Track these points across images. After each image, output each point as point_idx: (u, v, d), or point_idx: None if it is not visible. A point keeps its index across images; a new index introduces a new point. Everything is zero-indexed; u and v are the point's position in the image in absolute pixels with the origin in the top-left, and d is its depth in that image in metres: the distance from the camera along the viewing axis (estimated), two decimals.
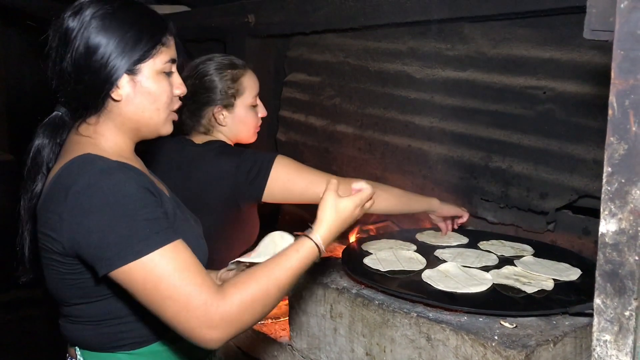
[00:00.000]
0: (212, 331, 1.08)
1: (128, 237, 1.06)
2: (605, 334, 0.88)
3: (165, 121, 1.27)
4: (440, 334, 1.38)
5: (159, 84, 1.22)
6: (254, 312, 1.12)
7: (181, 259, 1.09)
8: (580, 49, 1.89)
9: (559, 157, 1.96)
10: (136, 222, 1.07)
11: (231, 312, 1.09)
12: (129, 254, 1.06)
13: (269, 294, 1.14)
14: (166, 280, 1.07)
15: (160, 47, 1.22)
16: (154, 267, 1.07)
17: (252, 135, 2.00)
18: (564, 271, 1.64)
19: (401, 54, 2.38)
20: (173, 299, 1.07)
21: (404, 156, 2.41)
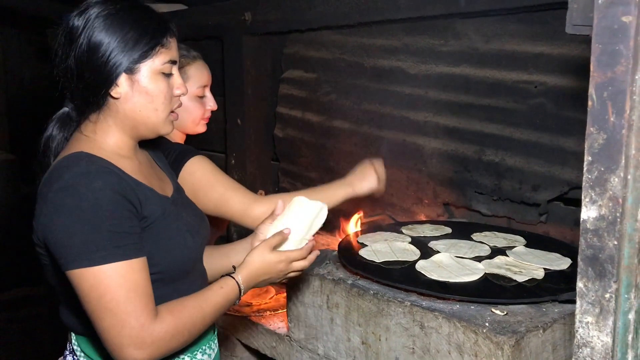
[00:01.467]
0: (139, 352, 1.13)
1: (87, 244, 1.11)
2: (587, 316, 0.92)
3: (164, 121, 1.29)
4: (434, 322, 1.42)
5: (156, 84, 1.25)
6: (180, 339, 1.20)
7: (133, 278, 1.13)
8: (570, 43, 1.93)
9: (551, 150, 2.00)
10: (99, 231, 1.11)
11: (163, 337, 1.16)
12: (84, 259, 1.11)
13: (195, 324, 1.22)
14: (111, 294, 1.11)
15: (160, 48, 1.25)
16: (104, 278, 1.11)
17: (197, 125, 1.95)
18: (555, 261, 1.68)
19: (396, 50, 2.41)
20: (112, 313, 1.12)
21: (399, 151, 2.44)
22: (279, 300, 2.15)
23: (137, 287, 1.14)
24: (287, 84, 2.94)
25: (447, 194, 2.31)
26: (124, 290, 1.12)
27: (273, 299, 2.17)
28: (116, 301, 1.11)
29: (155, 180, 1.36)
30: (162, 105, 1.27)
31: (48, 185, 1.16)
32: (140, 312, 1.13)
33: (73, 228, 1.11)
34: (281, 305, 2.08)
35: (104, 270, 1.11)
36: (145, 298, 1.14)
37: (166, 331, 1.16)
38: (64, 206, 1.12)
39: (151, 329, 1.14)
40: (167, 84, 1.27)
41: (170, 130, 1.32)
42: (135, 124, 1.27)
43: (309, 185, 2.88)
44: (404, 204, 2.44)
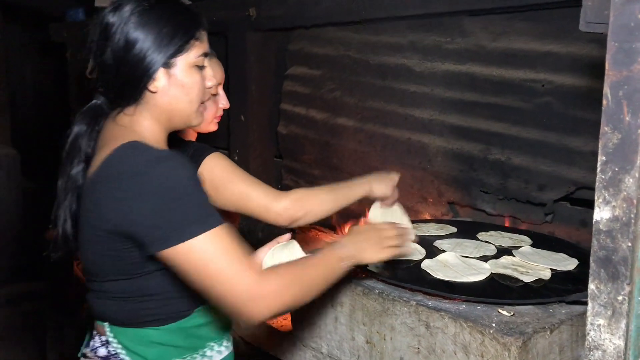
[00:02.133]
0: (256, 307, 1.17)
1: (181, 220, 1.14)
2: (599, 319, 0.90)
3: (196, 112, 1.32)
4: (439, 322, 1.41)
5: (192, 76, 1.28)
6: (292, 294, 1.22)
7: (228, 241, 1.17)
8: (578, 42, 1.91)
9: (557, 150, 1.98)
10: (188, 205, 1.15)
11: (272, 290, 1.18)
12: (182, 234, 1.13)
13: (301, 278, 1.26)
14: (215, 261, 1.15)
15: (194, 42, 1.27)
16: (204, 248, 1.14)
17: (210, 124, 1.91)
18: (561, 261, 1.67)
19: (401, 47, 2.40)
20: (220, 280, 1.15)
21: (403, 149, 2.43)
22: None
23: (235, 249, 1.17)
24: (291, 81, 2.92)
25: (452, 193, 2.29)
26: (225, 255, 1.15)
27: None
28: (221, 266, 1.15)
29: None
30: (196, 97, 1.30)
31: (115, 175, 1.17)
32: (246, 270, 1.16)
33: (164, 208, 1.14)
34: None
35: (203, 240, 1.14)
36: (245, 258, 1.18)
37: (276, 282, 1.19)
38: (146, 190, 1.14)
39: (261, 283, 1.17)
40: (200, 76, 1.30)
41: (200, 122, 1.35)
42: (171, 115, 1.30)
43: (312, 183, 2.87)
44: (409, 202, 2.43)
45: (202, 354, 1.35)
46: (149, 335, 1.28)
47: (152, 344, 1.29)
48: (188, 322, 1.32)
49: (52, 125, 7.18)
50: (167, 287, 1.26)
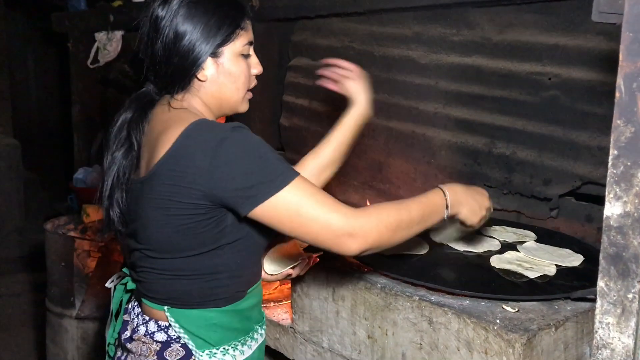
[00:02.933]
0: (354, 240, 1.21)
1: (267, 175, 1.20)
2: (607, 317, 0.88)
3: (243, 99, 1.39)
4: (442, 318, 1.39)
5: (238, 65, 1.34)
6: (388, 226, 1.25)
7: (311, 186, 1.24)
8: (586, 35, 1.88)
9: (563, 144, 1.96)
10: (270, 162, 1.21)
11: (369, 222, 1.22)
12: (272, 188, 1.19)
13: (400, 214, 1.27)
14: (306, 205, 1.20)
15: (240, 31, 1.33)
16: (293, 196, 1.20)
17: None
18: (567, 257, 1.65)
19: (406, 39, 2.37)
20: (315, 219, 1.21)
21: (407, 142, 2.41)
22: (282, 291, 2.12)
23: (319, 191, 1.24)
24: (294, 72, 2.89)
25: None
26: (314, 197, 1.21)
27: (277, 289, 2.14)
28: (313, 207, 1.20)
29: None
30: (243, 84, 1.36)
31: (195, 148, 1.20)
32: (337, 206, 1.22)
33: (251, 167, 1.19)
34: (285, 296, 2.05)
35: (290, 190, 1.20)
36: (330, 197, 1.24)
37: (371, 216, 1.23)
38: (231, 156, 1.19)
39: (354, 216, 1.22)
40: (246, 64, 1.36)
41: (246, 108, 1.41)
42: (219, 102, 1.37)
43: None
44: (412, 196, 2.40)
45: (251, 336, 1.40)
46: (211, 317, 1.32)
47: (215, 327, 1.33)
48: (243, 304, 1.37)
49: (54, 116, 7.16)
50: (232, 265, 1.32)
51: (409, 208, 1.30)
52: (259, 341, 1.44)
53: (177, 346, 1.32)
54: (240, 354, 1.37)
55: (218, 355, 1.33)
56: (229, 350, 1.34)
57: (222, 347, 1.33)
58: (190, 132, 1.23)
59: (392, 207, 1.28)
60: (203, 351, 1.31)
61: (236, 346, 1.36)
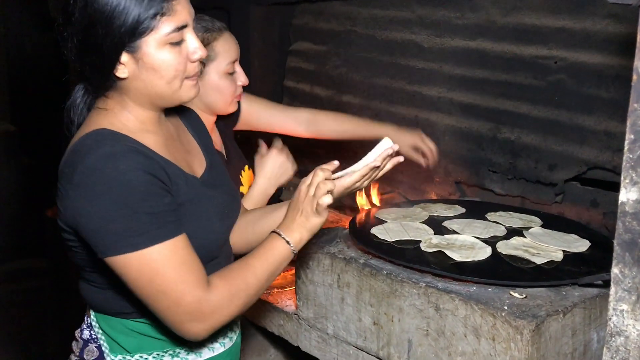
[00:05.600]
0: (200, 324, 1.14)
1: (127, 229, 1.08)
2: (622, 304, 0.87)
3: (180, 90, 1.21)
4: (449, 304, 1.38)
5: (164, 56, 1.16)
6: (238, 302, 1.19)
7: (179, 255, 1.12)
8: (593, 17, 1.86)
9: (569, 128, 1.94)
10: (137, 214, 1.08)
11: (221, 304, 1.15)
12: (127, 245, 1.08)
13: (248, 284, 1.20)
14: (161, 276, 1.10)
15: (161, 18, 1.14)
16: (150, 261, 1.09)
17: (230, 104, 1.87)
18: (573, 242, 1.63)
19: (409, 22, 2.34)
20: (166, 295, 1.11)
21: (411, 127, 2.38)
22: (286, 277, 2.11)
23: (185, 263, 1.12)
24: (295, 57, 2.86)
25: (460, 173, 2.25)
26: (173, 270, 1.10)
27: (281, 276, 2.13)
28: (167, 282, 1.10)
29: (183, 155, 1.30)
30: (174, 77, 1.19)
31: (71, 165, 1.11)
32: (194, 287, 1.12)
33: (109, 215, 1.07)
34: (289, 282, 2.04)
35: (149, 253, 1.09)
36: (195, 272, 1.13)
37: (223, 297, 1.15)
38: (94, 191, 1.08)
39: (208, 300, 1.13)
40: (177, 53, 1.18)
41: (192, 95, 1.24)
42: (151, 99, 1.21)
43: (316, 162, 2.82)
44: (415, 182, 2.39)
45: (187, 349, 1.29)
46: (129, 324, 1.25)
47: (132, 333, 1.25)
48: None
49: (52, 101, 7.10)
50: None
51: (254, 270, 1.21)
52: (203, 356, 1.32)
53: (93, 346, 1.29)
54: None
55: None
56: (147, 359, 1.26)
57: (138, 354, 1.25)
58: (75, 146, 1.14)
59: (239, 281, 1.19)
60: (116, 356, 1.26)
61: (161, 357, 1.27)
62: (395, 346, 1.50)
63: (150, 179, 1.11)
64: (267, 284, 1.26)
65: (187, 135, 1.39)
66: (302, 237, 1.28)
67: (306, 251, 1.69)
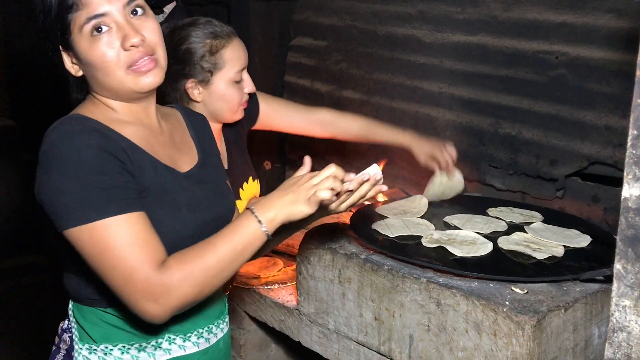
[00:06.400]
0: (152, 304, 1.10)
1: (79, 202, 1.09)
2: (624, 300, 0.87)
3: (125, 80, 1.19)
4: (451, 299, 1.38)
5: (91, 50, 1.17)
6: (195, 282, 1.13)
7: (131, 231, 1.10)
8: (595, 12, 1.85)
9: (570, 124, 1.94)
10: (88, 188, 1.09)
11: (172, 284, 1.11)
12: (78, 218, 1.09)
13: (208, 265, 1.13)
14: (112, 251, 1.09)
15: (71, 15, 1.16)
16: (101, 235, 1.09)
17: (236, 113, 1.84)
18: (574, 238, 1.63)
19: (410, 17, 2.33)
20: (116, 269, 1.10)
21: (411, 122, 2.38)
22: (287, 272, 2.11)
23: (137, 239, 1.10)
24: (295, 52, 2.85)
25: (460, 168, 2.24)
26: (124, 245, 1.09)
27: (281, 271, 2.13)
28: (117, 257, 1.09)
29: (168, 150, 1.29)
30: (111, 68, 1.18)
31: (40, 147, 1.15)
32: (144, 264, 1.10)
33: (62, 188, 1.09)
34: (290, 278, 2.04)
35: (100, 227, 1.09)
36: (148, 249, 1.11)
37: (174, 277, 1.11)
38: (51, 167, 1.11)
39: (158, 279, 1.10)
40: (103, 44, 1.16)
41: (146, 86, 1.20)
42: (110, 93, 1.23)
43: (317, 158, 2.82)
44: (415, 177, 2.39)
45: (155, 344, 1.25)
46: (98, 313, 1.24)
47: (101, 323, 1.24)
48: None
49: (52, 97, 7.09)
50: None
51: (216, 250, 1.14)
52: (173, 354, 1.27)
53: (67, 335, 1.30)
54: (132, 358, 1.24)
55: (98, 353, 1.24)
56: (113, 350, 1.23)
57: (104, 344, 1.24)
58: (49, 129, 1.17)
59: (196, 260, 1.13)
60: (83, 344, 1.25)
61: (126, 349, 1.24)
62: (397, 341, 1.50)
63: (106, 156, 1.12)
64: (234, 265, 1.17)
65: (183, 134, 1.37)
66: (277, 217, 1.16)
67: (307, 247, 1.69)
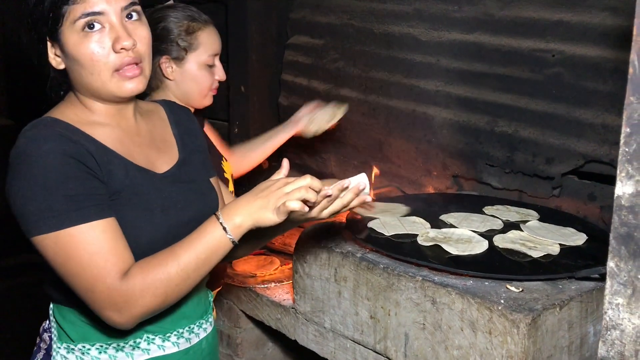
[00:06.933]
0: (115, 313, 1.12)
1: (43, 210, 1.08)
2: (617, 297, 0.87)
3: (109, 82, 1.18)
4: (446, 298, 1.38)
5: (80, 46, 1.16)
6: (156, 292, 1.12)
7: (95, 240, 1.10)
8: (591, 10, 1.85)
9: (567, 122, 1.93)
10: (53, 196, 1.08)
11: (134, 294, 1.11)
12: (42, 226, 1.09)
13: (170, 275, 1.13)
14: (75, 259, 1.10)
15: (67, 7, 1.14)
16: (65, 243, 1.09)
17: (205, 97, 1.87)
18: (570, 236, 1.63)
19: (407, 15, 2.33)
20: (80, 278, 1.11)
21: (408, 121, 2.38)
22: (284, 271, 2.11)
23: (102, 248, 1.10)
24: (292, 50, 2.85)
25: (457, 166, 2.25)
26: (87, 254, 1.09)
27: (278, 270, 2.13)
28: (80, 265, 1.10)
29: (144, 151, 1.27)
30: (97, 67, 1.16)
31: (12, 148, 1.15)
32: (107, 274, 1.10)
33: (28, 195, 1.09)
34: (286, 276, 2.04)
35: (64, 236, 1.09)
36: (112, 258, 1.11)
37: (135, 287, 1.11)
38: (18, 173, 1.10)
39: (120, 289, 1.10)
40: (94, 42, 1.15)
41: (128, 91, 1.20)
42: (90, 91, 1.21)
43: (314, 156, 2.82)
44: (412, 175, 2.39)
45: (133, 344, 1.24)
46: (75, 313, 1.24)
47: (79, 322, 1.24)
48: None
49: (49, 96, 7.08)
50: None
51: (178, 259, 1.13)
52: (152, 354, 1.25)
53: (46, 335, 1.30)
54: (109, 358, 1.23)
55: (76, 352, 1.23)
56: (90, 350, 1.23)
57: (81, 344, 1.23)
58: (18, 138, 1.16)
59: (158, 269, 1.12)
60: (61, 344, 1.25)
61: (104, 349, 1.23)
62: (392, 340, 1.50)
63: (72, 162, 1.11)
64: (199, 273, 1.15)
65: (164, 132, 1.35)
66: (243, 224, 1.13)
67: (303, 245, 1.69)
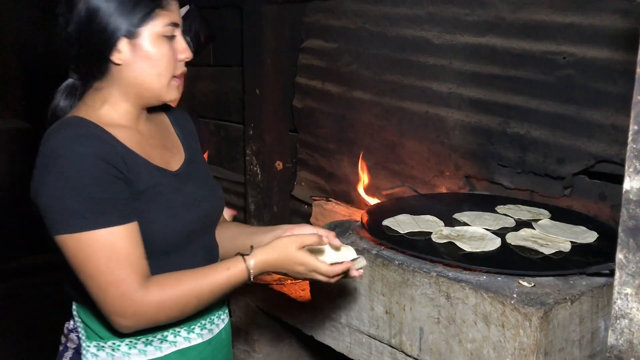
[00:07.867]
0: (123, 320, 1.14)
1: (69, 211, 1.11)
2: (626, 288, 0.90)
3: (167, 87, 1.26)
4: (460, 293, 1.42)
5: (158, 48, 1.22)
6: (169, 314, 1.18)
7: (115, 246, 1.13)
8: (601, 13, 1.89)
9: (577, 123, 1.97)
10: (81, 198, 1.11)
11: (147, 309, 1.14)
12: (66, 226, 1.11)
13: (188, 302, 1.19)
14: (93, 262, 1.12)
15: (160, 11, 1.21)
16: (85, 246, 1.12)
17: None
18: (581, 234, 1.67)
19: (420, 19, 2.37)
20: (95, 281, 1.13)
21: (421, 122, 2.42)
22: None
23: (119, 255, 1.13)
24: (306, 54, 2.90)
25: (469, 167, 2.29)
26: (105, 259, 1.12)
27: None
28: (97, 269, 1.12)
29: (159, 151, 1.32)
30: (165, 70, 1.24)
31: (40, 149, 1.17)
32: (122, 282, 1.12)
33: (57, 194, 1.11)
34: None
35: (85, 238, 1.12)
36: (128, 267, 1.13)
37: (150, 303, 1.15)
38: (49, 171, 1.13)
39: (134, 299, 1.13)
40: (169, 47, 1.24)
41: (175, 97, 1.29)
42: (139, 90, 1.25)
43: (327, 157, 2.87)
44: (425, 176, 2.43)
45: (161, 337, 1.27)
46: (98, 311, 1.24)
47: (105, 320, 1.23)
48: None
49: None
50: None
51: (200, 295, 1.19)
52: (179, 345, 1.29)
53: (74, 335, 1.32)
54: (139, 352, 1.25)
55: (107, 350, 1.25)
56: (120, 346, 1.25)
57: (111, 341, 1.25)
58: (46, 133, 1.17)
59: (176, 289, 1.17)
60: (91, 342, 1.27)
61: (133, 344, 1.25)
62: (407, 334, 1.54)
63: (104, 166, 1.14)
64: (212, 302, 1.24)
65: (170, 134, 1.41)
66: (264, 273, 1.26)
67: None
